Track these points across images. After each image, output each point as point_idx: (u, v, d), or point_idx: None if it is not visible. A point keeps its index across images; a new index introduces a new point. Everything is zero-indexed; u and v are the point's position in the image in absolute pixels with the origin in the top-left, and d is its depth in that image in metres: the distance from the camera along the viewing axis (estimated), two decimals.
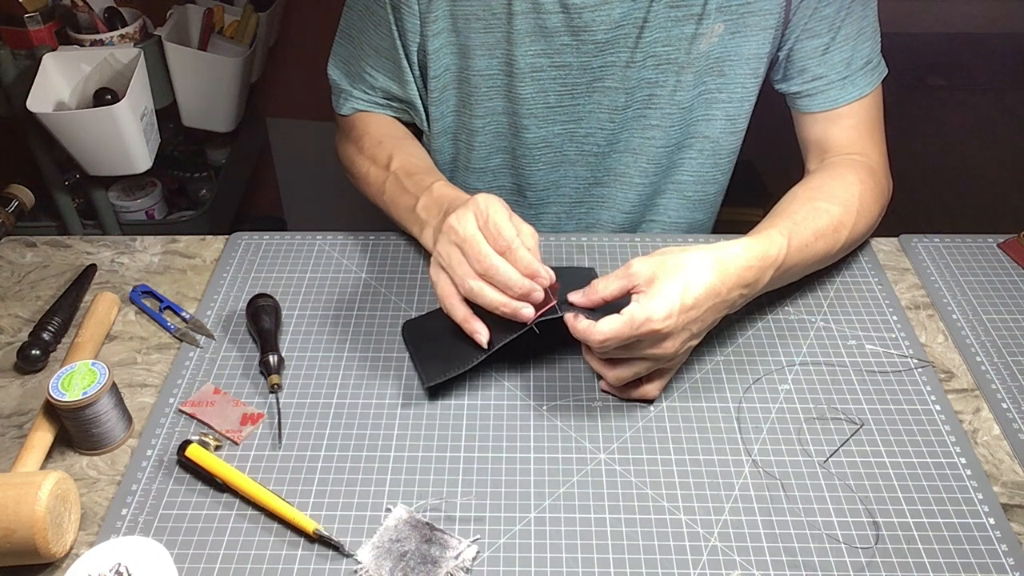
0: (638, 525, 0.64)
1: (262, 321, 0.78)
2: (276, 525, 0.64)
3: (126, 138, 1.33)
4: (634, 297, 0.67)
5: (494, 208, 0.69)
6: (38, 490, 0.59)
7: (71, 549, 0.63)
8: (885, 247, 0.91)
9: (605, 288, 0.68)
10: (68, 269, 0.89)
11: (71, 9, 1.37)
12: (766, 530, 0.63)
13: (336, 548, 0.62)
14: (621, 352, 0.68)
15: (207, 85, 1.49)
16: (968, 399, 0.74)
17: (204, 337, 0.80)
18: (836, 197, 0.81)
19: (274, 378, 0.74)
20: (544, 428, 0.71)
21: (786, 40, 0.88)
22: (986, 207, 2.29)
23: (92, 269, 0.88)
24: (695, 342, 0.71)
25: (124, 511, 0.65)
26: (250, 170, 1.90)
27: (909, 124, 2.60)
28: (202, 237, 0.93)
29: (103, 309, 0.81)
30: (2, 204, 0.93)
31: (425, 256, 0.89)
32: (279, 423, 0.71)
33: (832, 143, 0.90)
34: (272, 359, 0.75)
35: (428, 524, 0.63)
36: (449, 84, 0.92)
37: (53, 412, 0.70)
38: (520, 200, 1.02)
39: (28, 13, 1.32)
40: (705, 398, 0.74)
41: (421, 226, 0.82)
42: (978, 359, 0.78)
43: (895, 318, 0.82)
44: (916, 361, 0.77)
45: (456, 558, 0.61)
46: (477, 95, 0.92)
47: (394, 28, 0.88)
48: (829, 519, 0.64)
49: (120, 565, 0.57)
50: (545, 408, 0.73)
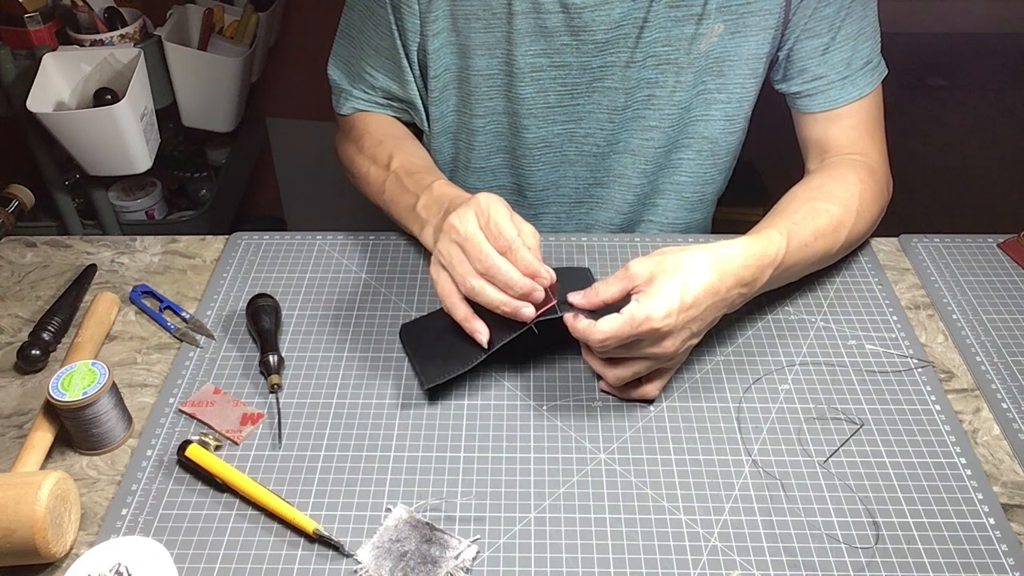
0: (638, 525, 0.64)
1: (262, 321, 0.78)
2: (276, 525, 0.64)
3: (126, 138, 1.33)
4: (634, 297, 0.67)
5: (495, 207, 0.69)
6: (38, 490, 0.59)
7: (71, 549, 0.63)
8: (885, 247, 0.91)
9: (605, 291, 0.68)
10: (68, 269, 0.89)
11: (71, 9, 1.37)
12: (766, 530, 0.64)
13: (336, 548, 0.62)
14: (621, 352, 0.68)
15: (207, 85, 1.49)
16: (968, 399, 0.74)
17: (204, 337, 0.80)
18: (836, 197, 0.81)
19: (274, 378, 0.74)
20: (544, 428, 0.71)
21: (786, 40, 0.88)
22: (986, 207, 2.29)
23: (92, 269, 0.88)
24: (695, 341, 0.71)
25: (124, 511, 0.65)
26: (250, 170, 1.90)
27: (909, 124, 2.60)
28: (202, 237, 0.93)
29: (103, 309, 0.81)
30: (2, 204, 0.93)
31: (425, 256, 0.89)
32: (279, 423, 0.71)
33: (832, 143, 0.90)
34: (272, 359, 0.75)
35: (428, 524, 0.63)
36: (449, 84, 0.92)
37: (53, 412, 0.70)
38: (520, 200, 1.02)
39: (28, 13, 1.32)
40: (705, 398, 0.74)
41: (421, 225, 0.82)
42: (978, 359, 0.78)
43: (895, 318, 0.82)
44: (916, 361, 0.77)
45: (456, 558, 0.61)
46: (477, 95, 0.92)
47: (394, 28, 0.88)
48: (829, 519, 0.64)
49: (120, 565, 0.57)
50: (545, 408, 0.73)
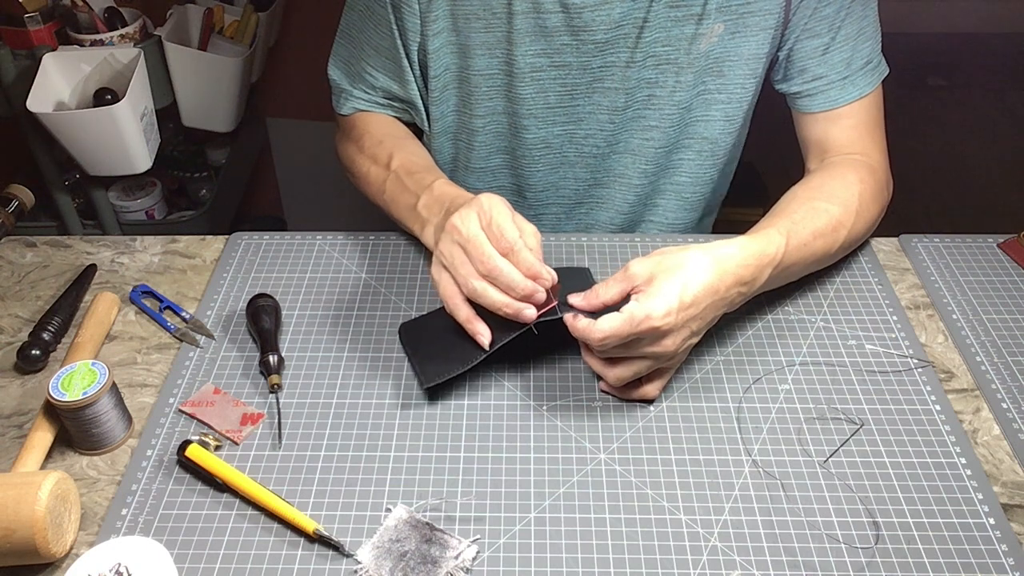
0: (638, 525, 0.64)
1: (262, 321, 0.78)
2: (276, 525, 0.64)
3: (126, 138, 1.33)
4: (633, 297, 0.67)
5: (497, 209, 0.69)
6: (38, 490, 0.59)
7: (71, 549, 0.63)
8: (885, 247, 0.91)
9: (605, 292, 0.68)
10: (68, 269, 0.89)
11: (71, 9, 1.37)
12: (766, 530, 0.64)
13: (336, 548, 0.62)
14: (621, 351, 0.68)
15: (207, 85, 1.49)
16: (968, 399, 0.74)
17: (204, 337, 0.80)
18: (836, 197, 0.81)
19: (274, 378, 0.74)
20: (544, 428, 0.71)
21: (786, 40, 0.88)
22: (986, 207, 2.29)
23: (92, 269, 0.88)
24: (695, 340, 0.71)
25: (124, 511, 0.65)
26: (250, 170, 1.90)
27: (909, 124, 2.60)
28: (202, 237, 0.93)
29: (103, 309, 0.81)
30: (2, 204, 0.92)
31: (426, 256, 0.89)
32: (279, 423, 0.71)
33: (832, 143, 0.90)
34: (272, 359, 0.75)
35: (428, 524, 0.63)
36: (449, 84, 0.92)
37: (53, 412, 0.70)
38: (520, 201, 1.02)
39: (28, 13, 1.32)
40: (705, 398, 0.74)
41: (422, 224, 0.82)
42: (978, 359, 0.78)
43: (895, 318, 0.82)
44: (916, 361, 0.77)
45: (456, 558, 0.61)
46: (477, 95, 0.92)
47: (394, 27, 0.88)
48: (829, 519, 0.64)
49: (120, 565, 0.57)
50: (545, 408, 0.73)
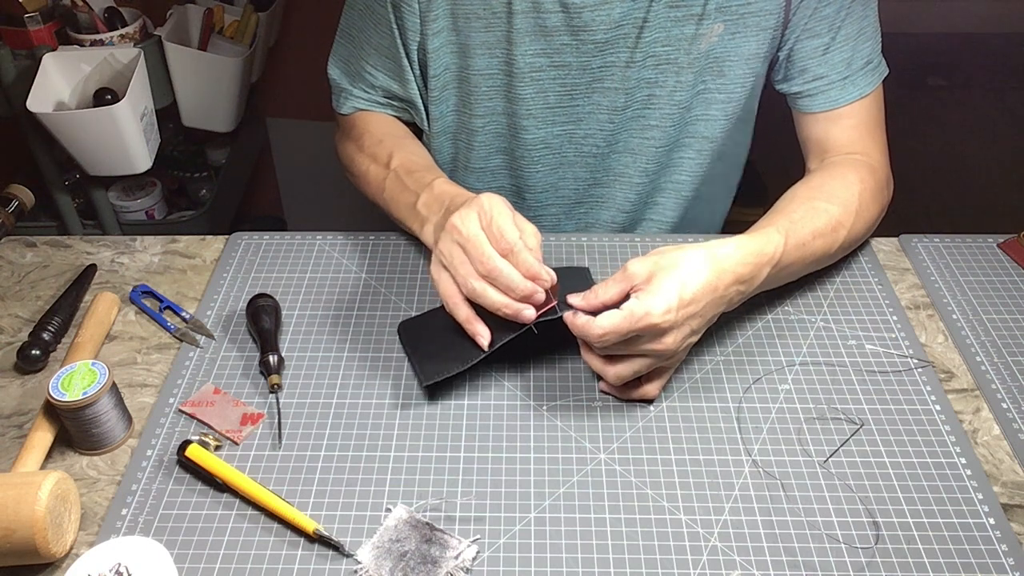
0: (638, 525, 0.64)
1: (262, 321, 0.78)
2: (276, 525, 0.64)
3: (126, 138, 1.33)
4: (633, 295, 0.67)
5: (498, 208, 0.69)
6: (38, 490, 0.59)
7: (71, 549, 0.63)
8: (885, 247, 0.91)
9: (604, 292, 0.68)
10: (68, 269, 0.89)
11: (71, 9, 1.37)
12: (766, 530, 0.64)
13: (336, 548, 0.62)
14: (620, 348, 0.68)
15: (207, 85, 1.49)
16: (968, 399, 0.74)
17: (204, 337, 0.80)
18: (835, 197, 0.81)
19: (274, 378, 0.74)
20: (544, 428, 0.71)
21: (786, 40, 0.88)
22: (986, 207, 2.29)
23: (92, 269, 0.88)
24: (694, 339, 0.71)
25: (124, 511, 0.65)
26: (250, 170, 1.90)
27: (909, 124, 2.60)
28: (202, 237, 0.93)
29: (103, 309, 0.81)
30: (2, 204, 0.92)
31: (425, 256, 0.89)
32: (279, 423, 0.71)
33: (833, 143, 0.90)
34: (272, 359, 0.75)
35: (428, 524, 0.63)
36: (449, 83, 0.92)
37: (53, 412, 0.70)
38: (519, 201, 1.01)
39: (28, 13, 1.32)
40: (705, 398, 0.74)
41: (422, 223, 0.82)
42: (978, 359, 0.78)
43: (895, 318, 0.82)
44: (916, 361, 0.77)
45: (456, 558, 0.61)
46: (477, 94, 0.92)
47: (394, 27, 0.88)
48: (829, 519, 0.64)
49: (120, 565, 0.57)
50: (545, 408, 0.73)
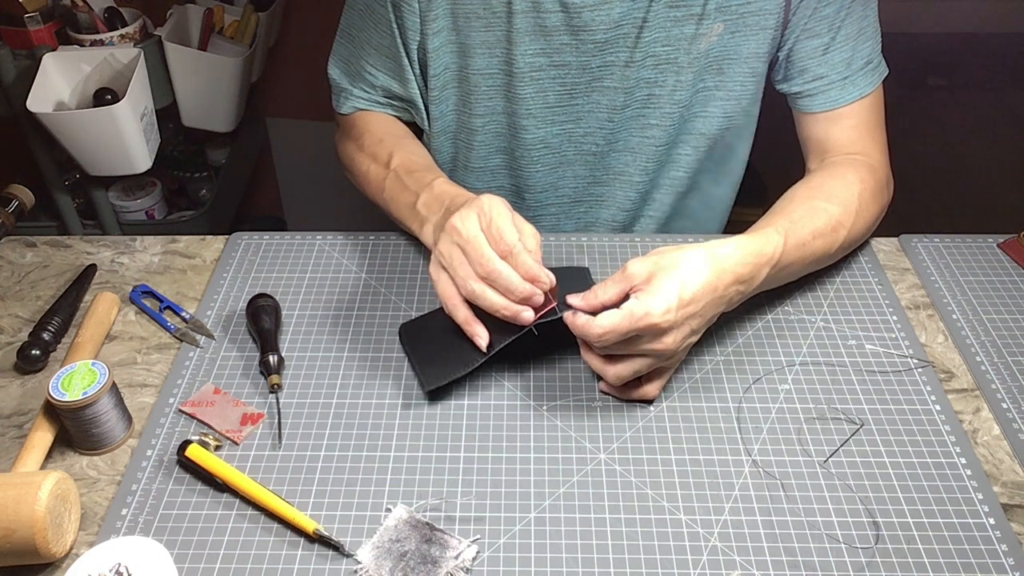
0: (638, 525, 0.64)
1: (262, 321, 0.78)
2: (276, 525, 0.64)
3: (126, 138, 1.33)
4: (632, 295, 0.67)
5: (498, 210, 0.70)
6: (38, 490, 0.59)
7: (71, 549, 0.63)
8: (885, 247, 0.91)
9: (604, 293, 0.68)
10: (68, 269, 0.89)
11: (71, 9, 1.37)
12: (766, 530, 0.63)
13: (336, 548, 0.62)
14: (620, 348, 0.68)
15: (207, 85, 1.49)
16: (968, 399, 0.74)
17: (204, 337, 0.80)
18: (835, 196, 0.81)
19: (274, 378, 0.74)
20: (544, 428, 0.71)
21: (786, 40, 0.88)
22: (986, 207, 2.28)
23: (92, 269, 0.88)
24: (694, 339, 0.71)
25: (124, 511, 0.65)
26: (250, 170, 1.90)
27: (909, 124, 2.60)
28: (202, 237, 0.93)
29: (103, 309, 0.81)
30: (2, 204, 0.92)
31: (425, 256, 0.89)
32: (279, 423, 0.71)
33: (833, 143, 0.90)
34: (272, 359, 0.75)
35: (428, 524, 0.63)
36: (449, 83, 0.92)
37: (53, 412, 0.70)
38: (519, 200, 1.01)
39: (28, 13, 1.32)
40: (705, 398, 0.74)
41: (421, 222, 0.82)
42: (978, 359, 0.78)
43: (895, 318, 0.82)
44: (916, 361, 0.77)
45: (456, 558, 0.61)
46: (477, 94, 0.92)
47: (394, 26, 0.88)
48: (829, 519, 0.64)
49: (120, 565, 0.57)
50: (545, 408, 0.73)
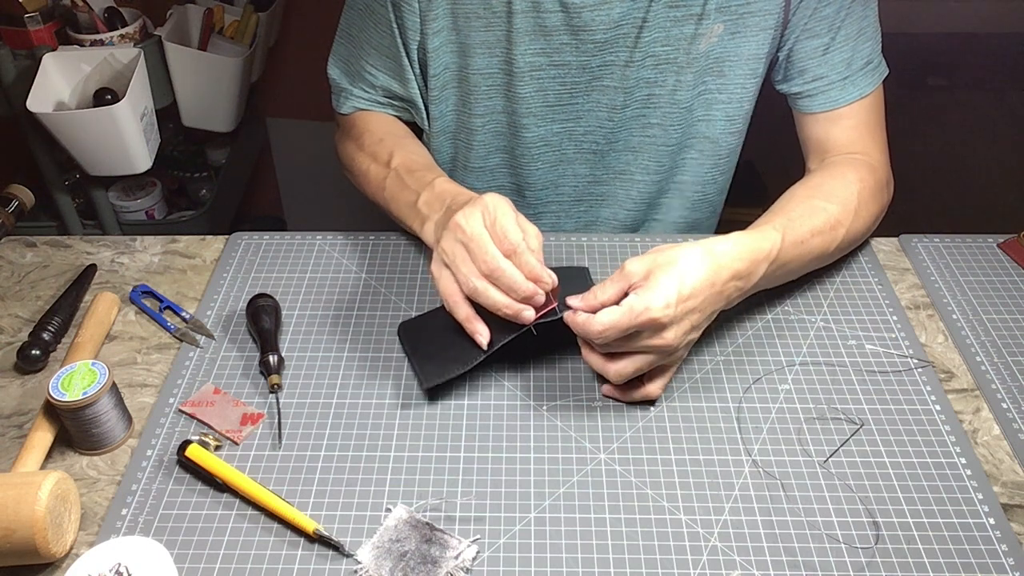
0: (638, 525, 0.64)
1: (262, 321, 0.78)
2: (276, 525, 0.64)
3: (126, 138, 1.33)
4: (632, 292, 0.67)
5: (502, 210, 0.70)
6: (38, 490, 0.59)
7: (71, 549, 0.63)
8: (885, 247, 0.91)
9: (603, 293, 0.68)
10: (68, 269, 0.89)
11: (71, 9, 1.37)
12: (766, 530, 0.64)
13: (336, 548, 0.62)
14: (621, 345, 0.68)
15: (207, 85, 1.49)
16: (968, 399, 0.74)
17: (204, 337, 0.80)
18: (834, 196, 0.81)
19: (274, 378, 0.74)
20: (544, 428, 0.71)
21: (786, 40, 0.88)
22: (986, 207, 2.28)
23: (92, 269, 0.88)
24: (695, 335, 0.71)
25: (124, 511, 0.65)
26: (250, 170, 1.90)
27: (909, 124, 2.60)
28: (202, 237, 0.93)
29: (103, 309, 0.81)
30: (2, 204, 0.92)
31: (426, 256, 0.89)
32: (279, 423, 0.71)
33: (833, 143, 0.90)
34: (272, 359, 0.75)
35: (428, 524, 0.63)
36: (449, 82, 0.92)
37: (53, 412, 0.70)
38: (519, 199, 1.01)
39: (28, 13, 1.32)
40: (705, 398, 0.74)
41: (422, 221, 0.82)
42: (978, 359, 0.78)
43: (895, 318, 0.82)
44: (916, 361, 0.77)
45: (456, 558, 0.61)
46: (476, 94, 0.92)
47: (394, 26, 0.88)
48: (829, 519, 0.64)
49: (120, 565, 0.57)
50: (545, 408, 0.73)
